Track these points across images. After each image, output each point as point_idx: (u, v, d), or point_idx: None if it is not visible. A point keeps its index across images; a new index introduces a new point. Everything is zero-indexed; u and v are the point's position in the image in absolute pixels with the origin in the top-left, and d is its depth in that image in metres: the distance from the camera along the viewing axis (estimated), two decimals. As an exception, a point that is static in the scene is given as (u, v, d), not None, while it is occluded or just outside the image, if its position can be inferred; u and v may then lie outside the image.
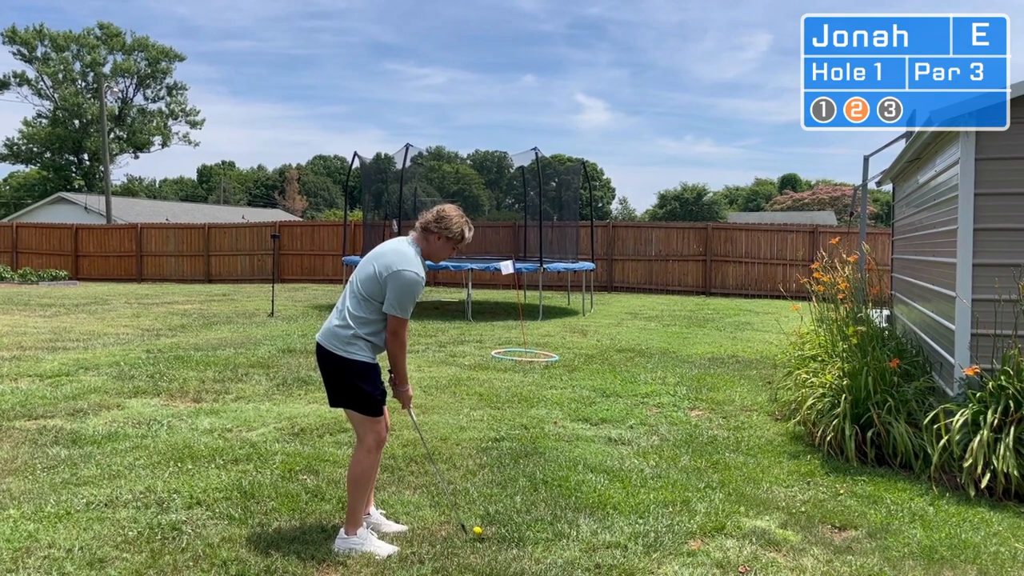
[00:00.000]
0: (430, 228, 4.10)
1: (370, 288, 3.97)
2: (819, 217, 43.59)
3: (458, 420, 6.57)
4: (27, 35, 53.87)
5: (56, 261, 28.09)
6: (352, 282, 4.08)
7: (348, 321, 3.99)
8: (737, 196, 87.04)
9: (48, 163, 58.49)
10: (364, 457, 4.03)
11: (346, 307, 4.02)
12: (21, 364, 8.76)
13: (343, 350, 3.96)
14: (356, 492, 4.02)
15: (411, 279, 3.95)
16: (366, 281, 3.99)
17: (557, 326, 13.85)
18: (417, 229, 4.16)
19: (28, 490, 4.65)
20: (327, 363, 4.03)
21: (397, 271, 3.93)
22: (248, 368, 8.74)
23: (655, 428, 6.57)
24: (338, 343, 3.98)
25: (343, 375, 3.99)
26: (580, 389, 8.05)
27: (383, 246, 4.15)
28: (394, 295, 3.93)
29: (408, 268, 3.95)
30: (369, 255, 4.11)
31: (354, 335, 3.96)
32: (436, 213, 4.14)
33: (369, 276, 3.98)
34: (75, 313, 14.69)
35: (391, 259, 3.99)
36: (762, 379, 8.90)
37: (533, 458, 5.57)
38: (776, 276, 22.00)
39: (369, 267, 4.01)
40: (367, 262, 4.06)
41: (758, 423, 6.82)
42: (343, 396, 4.04)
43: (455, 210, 4.18)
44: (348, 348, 3.97)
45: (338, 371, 3.99)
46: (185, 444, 5.64)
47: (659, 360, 10.05)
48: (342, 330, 3.98)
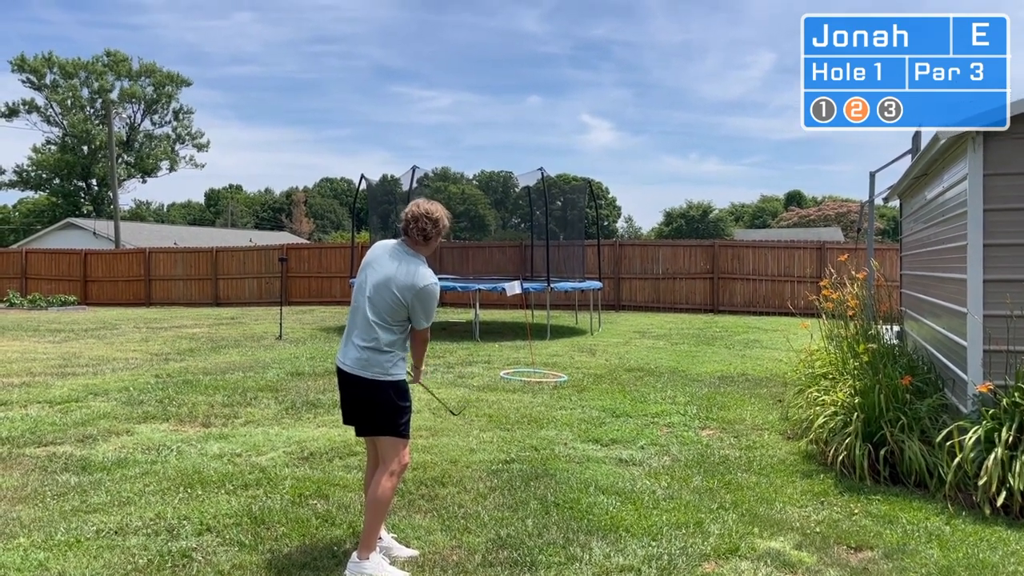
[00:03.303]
0: (430, 234, 4.12)
1: (397, 314, 4.03)
2: (825, 233, 43.52)
3: (468, 442, 6.54)
4: (36, 63, 54.46)
5: (65, 286, 28.21)
6: (370, 310, 4.02)
7: (383, 347, 4.02)
8: (743, 213, 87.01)
9: (57, 189, 58.91)
10: (388, 481, 4.03)
11: (377, 336, 4.00)
12: (31, 390, 8.77)
13: (388, 374, 4.02)
14: (376, 515, 4.00)
15: (435, 291, 4.10)
16: (390, 309, 4.02)
17: (565, 346, 13.82)
18: (415, 237, 4.12)
19: (38, 518, 4.64)
20: (369, 392, 4.03)
21: (422, 288, 4.02)
22: (257, 392, 8.74)
23: (666, 448, 6.53)
24: (380, 370, 4.01)
25: (388, 400, 4.02)
26: (590, 409, 8.01)
27: (387, 267, 4.06)
28: (423, 310, 4.07)
29: (429, 282, 4.06)
30: (379, 281, 4.05)
31: (392, 356, 4.04)
32: (431, 218, 4.10)
33: (393, 304, 4.01)
34: (84, 338, 14.73)
35: (409, 280, 4.02)
36: (772, 397, 8.85)
37: (544, 480, 5.53)
38: (784, 293, 21.94)
39: (387, 295, 4.01)
40: (383, 289, 4.02)
41: (770, 442, 6.77)
42: (382, 422, 4.05)
43: (438, 206, 4.19)
44: (392, 371, 4.03)
45: (383, 398, 4.02)
46: (195, 469, 5.62)
47: (668, 379, 10.00)
48: (380, 355, 4.01)
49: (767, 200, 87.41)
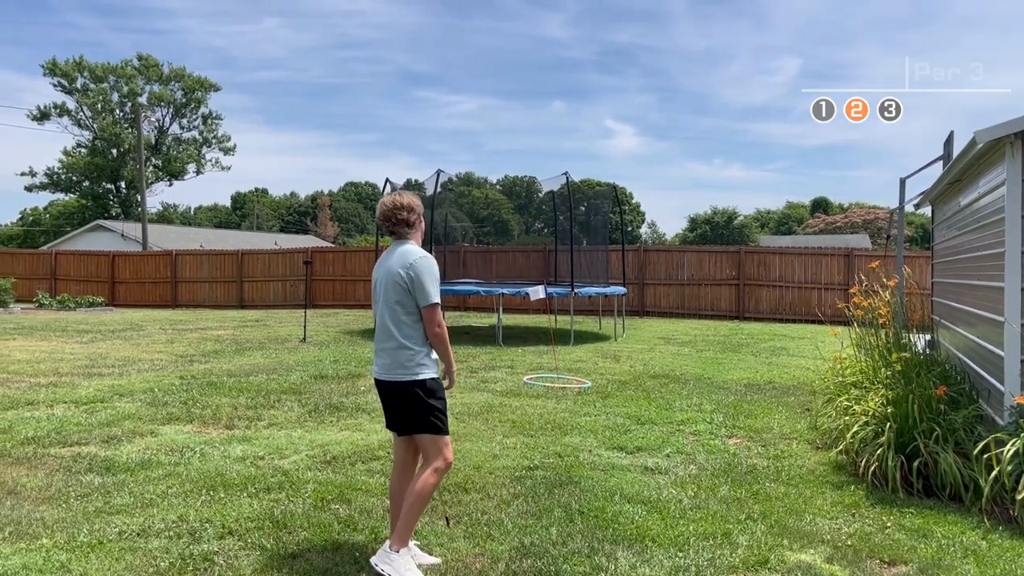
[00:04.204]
0: (411, 221, 4.11)
1: (404, 302, 3.98)
2: (853, 240, 43.04)
3: (491, 448, 6.48)
4: (67, 67, 55.27)
5: (93, 287, 28.54)
6: (384, 311, 4.05)
7: (404, 343, 3.98)
8: (768, 219, 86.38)
9: (87, 192, 59.70)
10: (432, 477, 4.01)
11: (393, 335, 4.00)
12: (57, 390, 8.84)
13: (413, 373, 3.97)
14: (416, 509, 3.99)
15: (430, 261, 4.03)
16: (397, 300, 3.99)
17: (589, 351, 13.72)
18: (400, 231, 4.12)
19: (61, 519, 4.64)
20: (399, 395, 4.02)
21: (413, 262, 3.97)
22: (280, 394, 8.74)
23: (692, 457, 6.43)
24: (404, 371, 3.98)
25: (418, 400, 3.98)
26: (614, 416, 7.92)
27: (385, 265, 4.09)
28: (423, 285, 3.94)
29: (423, 256, 4.02)
30: (382, 279, 4.08)
31: (414, 353, 3.98)
32: (401, 206, 4.09)
33: (398, 295, 3.98)
34: (111, 339, 14.86)
35: (403, 260, 3.99)
36: (800, 406, 8.70)
37: (568, 488, 5.46)
38: (811, 300, 21.67)
39: (391, 287, 4.00)
40: (387, 284, 4.04)
41: (798, 452, 6.65)
42: (418, 422, 4.01)
43: (403, 193, 4.18)
44: (417, 370, 3.98)
45: (412, 399, 3.98)
46: (217, 472, 5.61)
47: (694, 386, 9.88)
48: (402, 354, 3.98)
49: (793, 206, 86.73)
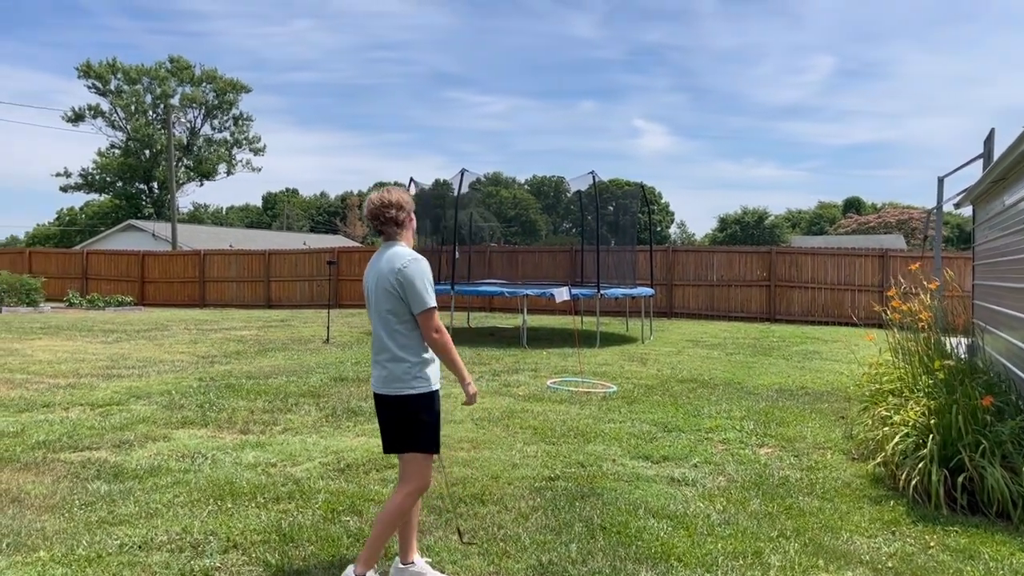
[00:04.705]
0: (400, 219, 3.84)
1: (397, 310, 3.71)
2: (887, 241, 42.19)
3: (511, 456, 6.25)
4: (101, 69, 55.98)
5: (124, 287, 28.76)
6: (377, 321, 3.79)
7: (399, 354, 3.71)
8: (800, 219, 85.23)
9: (120, 192, 60.46)
10: (405, 501, 3.75)
11: (387, 346, 3.74)
12: (75, 392, 8.75)
13: (409, 387, 3.71)
14: (385, 533, 3.73)
15: (422, 264, 3.74)
16: (389, 309, 3.71)
17: (615, 354, 13.44)
18: (390, 231, 3.84)
19: (62, 529, 4.48)
20: (394, 409, 3.75)
21: (404, 266, 3.68)
22: (299, 398, 8.57)
23: (721, 467, 6.15)
24: (401, 384, 3.72)
25: (412, 415, 3.71)
26: (640, 423, 7.65)
27: (375, 270, 3.81)
28: (415, 289, 3.66)
29: (413, 258, 3.73)
30: (372, 287, 3.81)
31: (411, 364, 3.71)
32: (388, 203, 3.80)
33: (390, 302, 3.71)
34: (135, 339, 14.85)
35: (391, 265, 3.71)
36: (834, 413, 8.37)
37: (590, 500, 5.21)
38: (844, 302, 21.17)
39: (382, 294, 3.73)
40: (378, 291, 3.76)
41: (833, 463, 6.33)
42: (408, 438, 3.75)
43: (389, 189, 3.90)
44: (414, 383, 3.72)
45: (406, 413, 3.72)
46: (227, 480, 5.43)
47: (723, 392, 9.57)
48: (398, 366, 3.71)
49: (824, 206, 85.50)
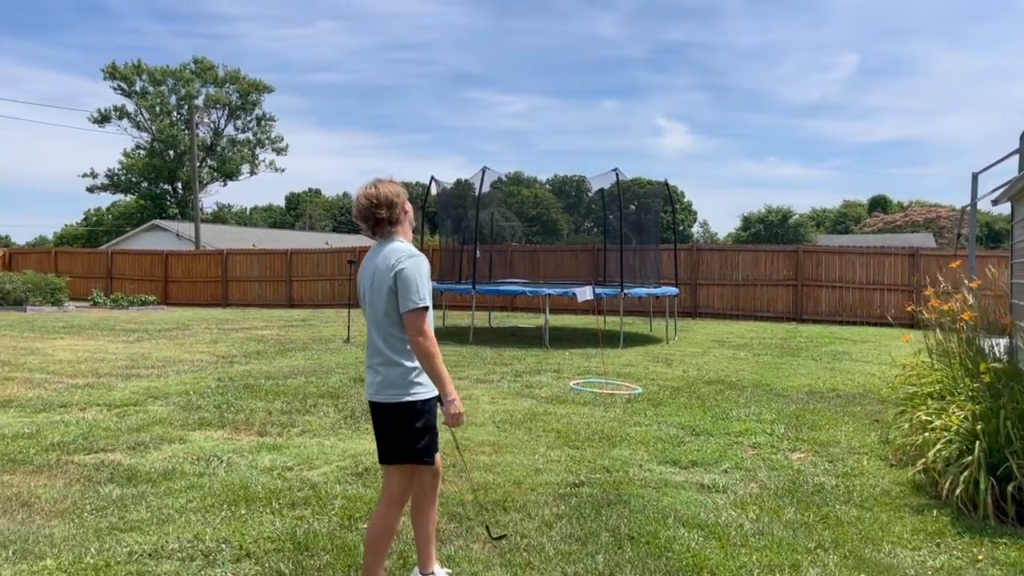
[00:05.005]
0: (397, 219, 3.52)
1: (392, 311, 3.43)
2: (915, 240, 41.49)
3: (533, 461, 6.04)
4: (126, 70, 56.45)
5: (147, 286, 28.89)
6: (372, 323, 3.53)
7: (394, 359, 3.45)
8: (824, 218, 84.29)
9: (145, 192, 60.96)
10: (390, 513, 3.54)
11: (381, 349, 3.47)
12: (93, 392, 8.66)
13: (407, 393, 3.44)
14: (378, 555, 3.55)
15: (420, 260, 3.45)
16: (385, 310, 3.44)
17: (639, 354, 13.19)
18: (384, 229, 3.52)
19: (71, 536, 4.34)
20: (389, 418, 3.49)
21: (401, 264, 3.39)
22: (317, 399, 8.43)
23: (753, 473, 5.91)
24: (397, 390, 3.46)
25: (408, 423, 3.46)
26: (667, 426, 7.42)
27: (370, 269, 3.53)
28: (407, 287, 3.35)
29: (411, 255, 3.44)
30: (367, 288, 3.53)
31: (407, 371, 3.45)
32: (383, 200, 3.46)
33: (384, 300, 3.42)
34: (156, 339, 14.81)
35: (387, 262, 3.43)
36: (868, 416, 8.09)
37: (617, 508, 4.99)
38: (872, 302, 20.76)
39: (377, 295, 3.45)
40: (373, 292, 3.48)
41: (870, 469, 6.07)
42: (404, 449, 3.50)
43: (379, 184, 3.53)
44: (411, 389, 3.45)
45: (402, 421, 3.46)
46: (242, 484, 5.28)
47: (752, 393, 9.31)
48: (393, 371, 3.46)
49: (850, 205, 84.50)
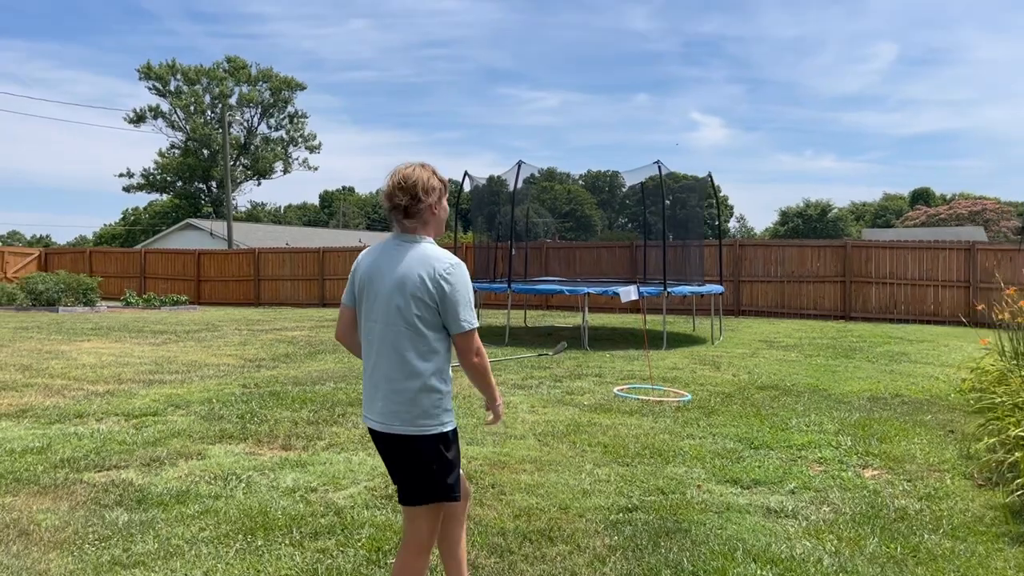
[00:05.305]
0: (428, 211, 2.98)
1: (431, 319, 2.87)
2: (965, 233, 40.13)
3: (580, 481, 5.49)
4: (161, 70, 56.84)
5: (180, 286, 28.80)
6: (385, 333, 2.90)
7: (431, 383, 2.87)
8: (864, 212, 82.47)
9: (180, 191, 61.38)
10: (418, 562, 3.00)
11: (415, 369, 2.86)
12: (112, 400, 8.26)
13: (438, 423, 2.88)
14: None
15: (466, 272, 2.95)
16: (420, 316, 2.85)
17: (684, 357, 12.56)
18: (412, 221, 2.98)
19: (69, 572, 3.87)
20: (417, 453, 2.89)
21: (449, 272, 2.87)
22: (346, 407, 7.95)
23: (824, 494, 5.30)
24: (427, 420, 2.87)
25: (440, 457, 2.89)
26: (722, 438, 6.82)
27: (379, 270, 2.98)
28: (458, 304, 2.84)
29: (456, 262, 2.93)
30: (385, 290, 2.92)
31: (442, 396, 2.90)
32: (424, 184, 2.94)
33: (422, 307, 2.84)
34: (184, 341, 14.48)
35: (427, 266, 2.87)
36: (940, 426, 7.41)
37: (676, 537, 4.43)
38: (926, 299, 19.86)
39: (410, 299, 2.85)
40: (392, 297, 2.89)
41: (955, 490, 5.43)
42: (435, 486, 2.92)
43: (414, 167, 2.99)
44: (443, 418, 2.90)
45: (435, 454, 2.88)
46: (261, 509, 4.79)
47: (809, 400, 8.66)
48: (428, 398, 2.87)
49: (890, 198, 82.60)
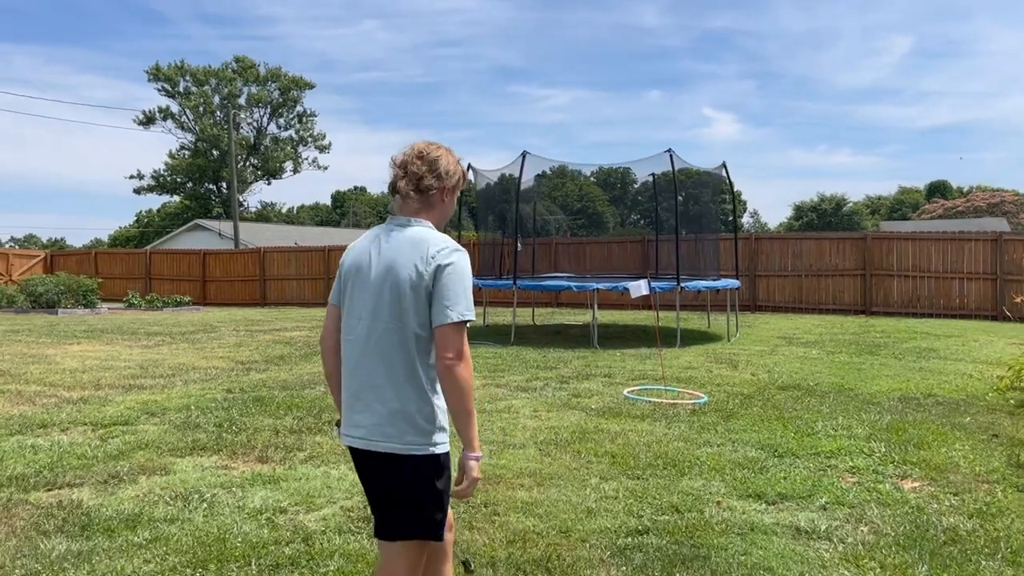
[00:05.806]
0: (442, 191, 2.56)
1: (424, 316, 2.40)
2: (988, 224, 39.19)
3: (584, 499, 4.88)
4: (170, 71, 56.57)
5: (185, 287, 28.37)
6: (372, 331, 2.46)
7: (426, 393, 2.42)
8: (879, 205, 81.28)
9: (190, 192, 61.15)
10: None
11: (415, 376, 2.41)
12: (84, 408, 7.69)
13: (429, 443, 2.40)
14: None
15: (467, 260, 2.47)
16: (410, 312, 2.40)
17: (699, 355, 11.92)
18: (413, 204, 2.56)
19: (-23, 618, 3.32)
20: (401, 476, 2.42)
21: (447, 259, 2.41)
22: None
23: (860, 511, 4.67)
24: (417, 436, 2.39)
25: (428, 484, 2.42)
26: (742, 445, 6.19)
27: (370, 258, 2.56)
28: (456, 290, 2.38)
29: (456, 247, 2.45)
30: (377, 281, 2.49)
31: (435, 409, 2.42)
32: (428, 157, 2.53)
33: (423, 299, 2.39)
34: (177, 343, 13.95)
35: (422, 252, 2.41)
36: (982, 429, 6.77)
37: (694, 567, 3.82)
38: (951, 292, 19.10)
39: (403, 292, 2.41)
40: (383, 291, 2.46)
41: (1008, 505, 4.79)
42: (419, 519, 2.43)
43: (439, 146, 2.58)
44: (435, 437, 2.42)
45: (421, 480, 2.41)
46: (219, 535, 4.21)
47: (835, 401, 8.01)
48: (416, 409, 2.39)
49: (906, 191, 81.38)
